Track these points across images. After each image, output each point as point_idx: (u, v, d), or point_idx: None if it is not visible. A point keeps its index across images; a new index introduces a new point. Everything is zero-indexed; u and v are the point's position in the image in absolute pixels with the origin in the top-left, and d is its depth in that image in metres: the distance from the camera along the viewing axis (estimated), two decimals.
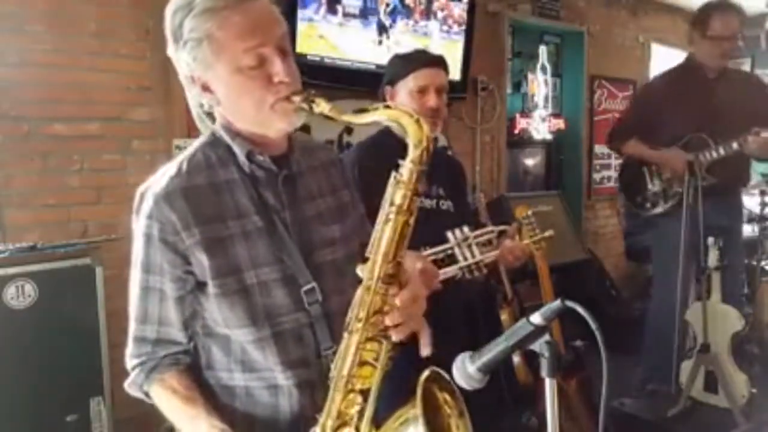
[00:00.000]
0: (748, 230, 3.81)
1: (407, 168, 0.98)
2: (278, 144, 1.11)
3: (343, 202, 1.22)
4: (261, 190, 1.08)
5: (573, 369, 2.49)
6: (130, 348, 1.08)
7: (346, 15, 3.10)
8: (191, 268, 1.03)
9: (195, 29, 0.99)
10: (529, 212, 2.17)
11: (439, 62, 1.87)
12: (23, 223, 2.40)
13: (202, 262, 1.02)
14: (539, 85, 4.79)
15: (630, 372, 3.22)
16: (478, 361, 1.00)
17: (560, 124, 4.89)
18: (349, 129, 3.38)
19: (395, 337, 1.00)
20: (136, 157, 2.67)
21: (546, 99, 4.84)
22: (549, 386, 0.96)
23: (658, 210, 3.08)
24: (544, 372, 0.96)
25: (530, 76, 4.76)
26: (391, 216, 0.98)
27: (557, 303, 0.95)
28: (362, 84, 3.28)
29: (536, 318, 0.96)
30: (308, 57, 3.08)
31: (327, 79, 3.17)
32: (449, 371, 1.01)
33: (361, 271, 1.01)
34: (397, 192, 0.99)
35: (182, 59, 1.03)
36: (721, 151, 2.85)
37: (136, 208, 1.05)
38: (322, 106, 1.02)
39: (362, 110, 1.04)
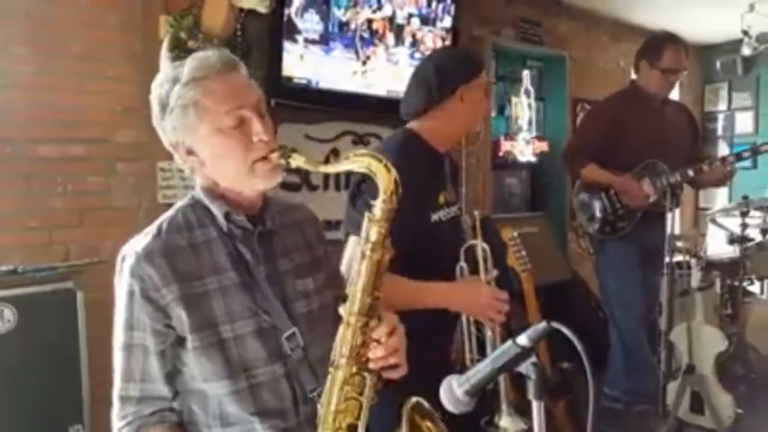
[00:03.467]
0: (730, 251, 3.86)
1: (380, 207, 1.04)
2: (254, 203, 1.18)
3: (317, 257, 1.27)
4: (238, 246, 1.13)
5: (560, 391, 2.48)
6: (116, 408, 1.10)
7: (306, 41, 3.10)
8: (171, 323, 1.07)
9: (181, 97, 1.09)
10: (515, 233, 2.18)
11: None
12: (4, 245, 2.36)
13: (181, 317, 1.06)
14: (523, 108, 4.86)
15: None
16: (466, 384, 0.99)
17: (544, 146, 4.94)
18: (335, 150, 3.40)
19: (376, 367, 1.04)
20: (120, 180, 2.65)
21: (530, 122, 4.90)
22: (536, 408, 0.96)
23: (610, 233, 3.14)
24: (531, 394, 0.96)
25: (514, 100, 4.83)
26: (367, 253, 1.04)
27: (543, 324, 0.95)
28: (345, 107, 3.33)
29: (523, 340, 0.96)
30: (294, 80, 3.10)
31: (312, 102, 3.20)
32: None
33: (342, 309, 1.06)
34: (371, 229, 1.04)
35: (168, 127, 1.12)
36: (678, 178, 2.93)
37: (118, 269, 1.10)
38: (298, 160, 1.09)
39: (337, 161, 1.13)
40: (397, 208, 1.53)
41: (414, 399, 1.06)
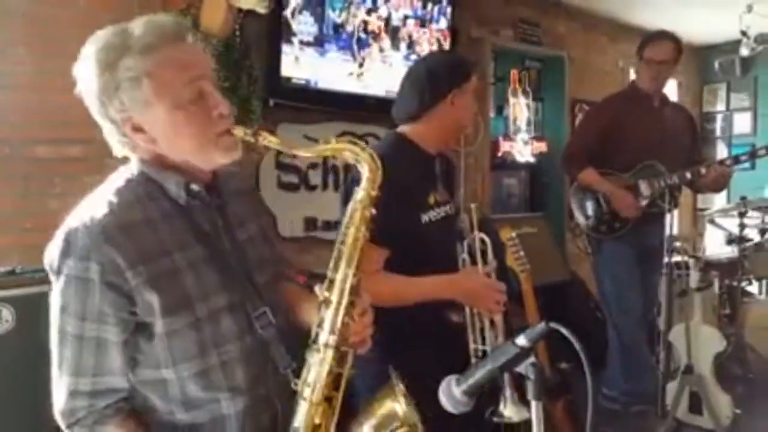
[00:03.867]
0: (728, 251, 3.87)
1: (361, 194, 1.07)
2: (207, 173, 1.11)
3: (265, 228, 1.26)
4: (197, 219, 1.07)
5: (559, 391, 2.48)
6: (61, 404, 1.00)
7: (301, 43, 3.09)
8: (135, 309, 0.98)
9: (132, 68, 0.98)
10: (514, 234, 2.18)
11: None
12: (2, 246, 2.36)
13: (150, 301, 0.97)
14: (521, 109, 4.86)
15: None
16: (464, 384, 0.99)
17: (542, 147, 4.95)
18: None
19: (352, 342, 1.07)
20: None
21: (528, 123, 4.91)
22: (535, 409, 0.96)
23: (607, 233, 3.14)
24: (530, 394, 0.96)
25: (512, 100, 4.83)
26: (351, 234, 1.06)
27: (542, 325, 0.95)
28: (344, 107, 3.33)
29: (521, 340, 0.96)
30: (293, 81, 3.10)
31: (311, 102, 3.20)
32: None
33: (319, 289, 1.07)
34: (355, 213, 1.07)
35: (108, 101, 1.00)
36: (676, 180, 2.94)
37: (63, 250, 0.97)
38: (270, 139, 1.04)
39: (315, 144, 1.09)
40: (387, 210, 1.57)
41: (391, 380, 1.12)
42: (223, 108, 1.03)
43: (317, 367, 1.04)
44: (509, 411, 0.99)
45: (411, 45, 3.54)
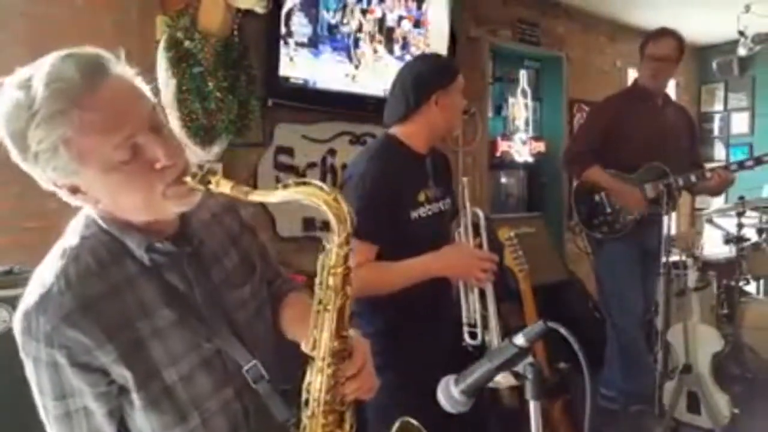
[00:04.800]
0: (726, 251, 3.87)
1: (334, 252, 0.93)
2: (172, 221, 1.01)
3: (246, 250, 1.15)
4: (166, 276, 0.98)
5: (557, 391, 2.49)
6: None
7: (296, 44, 3.09)
8: (113, 378, 0.93)
9: (44, 139, 0.83)
10: (512, 234, 2.18)
11: None
12: (1, 246, 2.36)
13: (124, 374, 0.93)
14: (520, 108, 4.86)
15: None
16: (462, 384, 0.99)
17: (541, 147, 4.95)
18: (332, 150, 3.40)
19: (352, 399, 1.01)
20: None
21: (527, 122, 4.91)
22: (533, 408, 0.96)
23: (609, 233, 3.14)
24: (528, 394, 0.96)
25: (511, 100, 4.84)
26: (330, 301, 0.95)
27: (540, 324, 0.95)
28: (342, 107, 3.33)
29: (519, 339, 0.96)
30: (291, 80, 3.10)
31: (309, 102, 3.20)
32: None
33: (306, 348, 0.99)
34: (329, 277, 0.95)
35: (36, 171, 0.89)
36: (681, 182, 2.94)
37: (24, 332, 0.91)
38: (222, 186, 0.90)
39: (274, 187, 0.93)
40: (376, 208, 1.60)
41: (404, 419, 1.08)
42: (167, 158, 0.89)
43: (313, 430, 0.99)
44: (498, 376, 0.99)
45: (405, 46, 3.55)
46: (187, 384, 0.98)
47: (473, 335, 1.78)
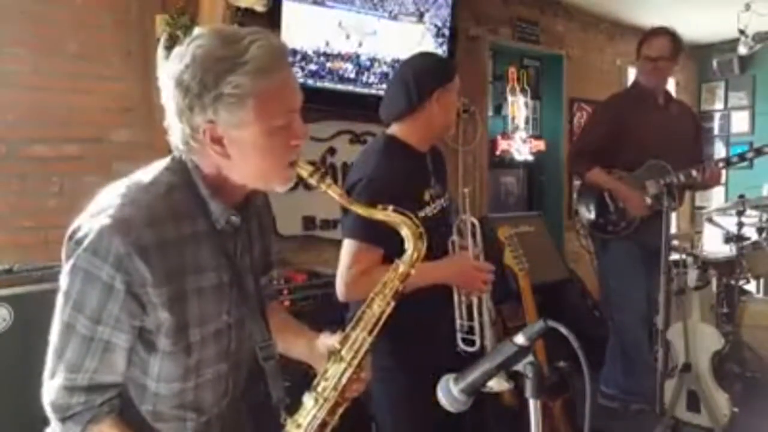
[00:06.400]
0: (726, 250, 3.87)
1: (400, 270, 1.15)
2: (243, 195, 1.10)
3: (268, 247, 1.27)
4: (224, 244, 1.07)
5: (557, 390, 2.49)
6: (55, 397, 0.99)
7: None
8: (145, 320, 0.99)
9: (242, 86, 0.94)
10: (512, 232, 2.19)
11: None
12: (0, 245, 2.36)
13: (160, 319, 0.99)
14: (519, 107, 4.86)
15: None
16: (462, 383, 0.99)
17: (540, 145, 4.95)
18: (332, 149, 3.40)
19: (350, 395, 1.14)
20: (116, 179, 2.63)
21: (526, 121, 4.91)
22: (533, 407, 0.96)
23: (613, 233, 3.15)
24: (528, 393, 0.96)
25: (510, 99, 4.83)
26: (383, 299, 1.13)
27: (540, 323, 0.95)
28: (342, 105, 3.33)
29: (519, 338, 0.96)
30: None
31: (309, 100, 3.20)
32: None
33: (336, 338, 1.14)
34: (388, 283, 1.15)
35: (199, 108, 0.96)
36: (681, 178, 2.94)
37: (93, 248, 0.93)
38: (334, 189, 1.09)
39: (371, 205, 1.15)
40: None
41: None
42: (301, 140, 1.05)
43: (312, 413, 1.09)
44: (491, 382, 1.01)
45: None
46: (201, 348, 1.05)
47: (470, 342, 1.79)
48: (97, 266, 0.94)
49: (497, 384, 1.01)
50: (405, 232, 1.12)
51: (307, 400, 1.09)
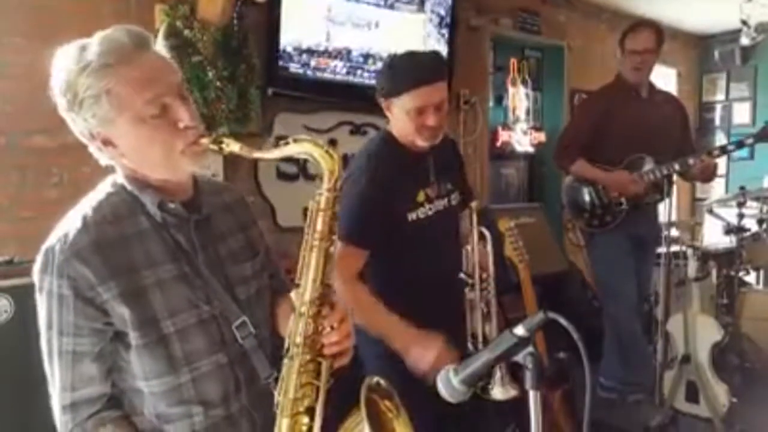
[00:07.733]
0: (726, 241, 3.87)
1: (324, 197, 1.05)
2: (185, 188, 1.13)
3: (252, 239, 1.25)
4: (174, 236, 1.09)
5: (557, 381, 2.50)
6: (57, 419, 1.05)
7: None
8: (111, 320, 1.02)
9: (91, 87, 1.00)
10: (512, 224, 2.19)
11: (436, 75, 1.69)
12: (0, 236, 2.36)
13: (122, 314, 1.01)
14: (520, 98, 4.84)
15: None
16: (462, 374, 1.00)
17: (541, 137, 4.93)
18: (333, 140, 3.38)
19: (330, 352, 1.07)
20: (115, 171, 2.64)
21: (527, 112, 4.89)
22: (533, 398, 0.96)
23: (600, 226, 3.15)
24: (527, 384, 0.96)
25: (511, 90, 4.81)
26: (315, 243, 1.05)
27: (540, 314, 0.95)
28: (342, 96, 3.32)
29: (519, 329, 0.97)
30: (291, 70, 3.09)
31: (309, 91, 3.19)
32: None
33: (294, 296, 1.07)
34: (318, 219, 1.05)
35: (77, 118, 1.03)
36: (664, 171, 2.93)
37: (42, 267, 1.02)
38: (232, 146, 1.05)
39: (273, 147, 1.10)
40: (369, 211, 1.56)
41: (373, 379, 1.10)
42: (189, 119, 1.04)
43: (288, 378, 1.05)
44: (496, 391, 1.02)
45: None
46: (182, 339, 1.06)
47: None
48: (47, 281, 1.01)
49: (503, 392, 1.01)
50: (309, 153, 1.04)
51: (284, 366, 1.06)
